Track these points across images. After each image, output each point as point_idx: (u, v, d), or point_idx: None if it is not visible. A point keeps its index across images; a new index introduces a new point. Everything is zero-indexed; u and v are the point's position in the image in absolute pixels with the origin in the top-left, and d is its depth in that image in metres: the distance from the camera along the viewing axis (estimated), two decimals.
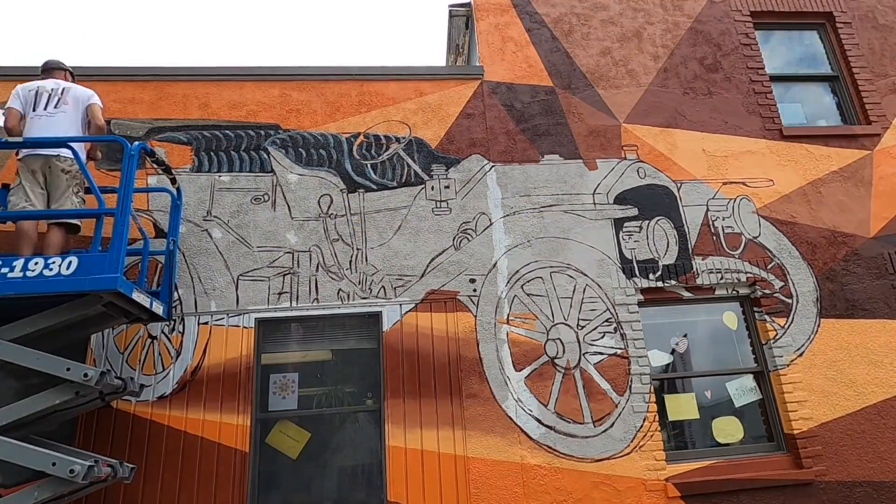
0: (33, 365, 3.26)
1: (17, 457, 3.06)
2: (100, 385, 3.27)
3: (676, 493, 4.43)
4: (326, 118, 5.32)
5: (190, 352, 4.46)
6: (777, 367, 4.93)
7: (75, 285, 3.31)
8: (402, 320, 4.73)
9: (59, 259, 3.34)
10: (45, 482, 3.07)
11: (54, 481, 3.06)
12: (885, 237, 5.49)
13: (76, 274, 3.31)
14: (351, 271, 4.85)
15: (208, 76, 5.36)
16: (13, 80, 5.10)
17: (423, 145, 5.32)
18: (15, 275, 3.27)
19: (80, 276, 3.31)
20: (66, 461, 3.03)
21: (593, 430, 4.58)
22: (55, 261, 3.33)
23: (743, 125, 5.79)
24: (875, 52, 6.33)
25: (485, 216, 5.14)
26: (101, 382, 3.27)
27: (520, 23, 5.94)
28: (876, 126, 5.94)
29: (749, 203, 5.46)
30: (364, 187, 5.13)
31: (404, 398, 4.50)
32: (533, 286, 4.96)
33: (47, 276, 3.29)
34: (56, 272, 3.30)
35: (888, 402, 4.92)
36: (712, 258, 5.24)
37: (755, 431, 4.90)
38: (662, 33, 6.10)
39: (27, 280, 3.27)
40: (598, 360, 4.79)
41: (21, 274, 3.28)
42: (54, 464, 3.02)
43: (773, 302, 5.16)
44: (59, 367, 3.24)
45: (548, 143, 5.47)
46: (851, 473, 4.69)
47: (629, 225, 5.26)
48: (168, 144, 5.08)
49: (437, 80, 5.59)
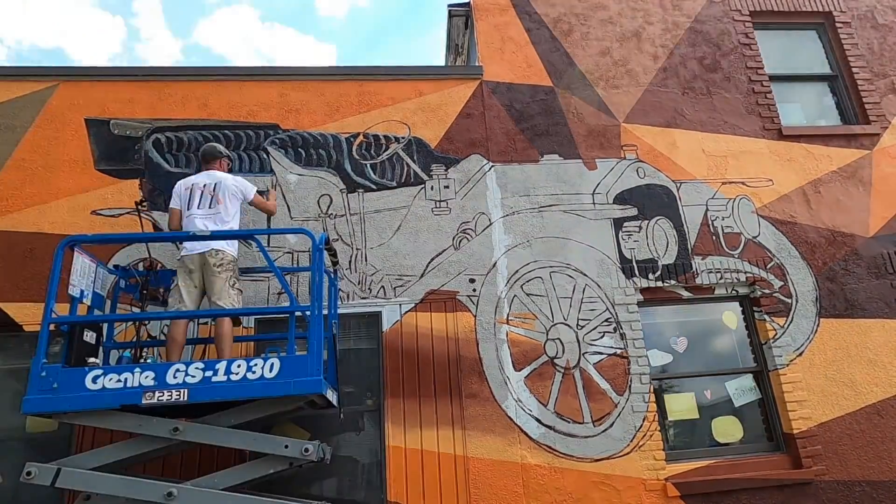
0: (251, 447, 3.46)
1: None
2: (317, 457, 3.42)
3: (676, 492, 4.43)
4: (326, 118, 5.32)
5: (189, 354, 4.45)
6: (776, 366, 4.93)
7: (282, 389, 3.37)
8: (402, 320, 4.73)
9: (261, 361, 3.38)
10: None
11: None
12: (884, 237, 5.50)
13: (279, 377, 3.36)
14: (351, 271, 4.85)
15: (208, 76, 5.35)
16: (14, 80, 5.12)
17: (422, 145, 5.32)
18: (219, 379, 3.34)
19: (283, 378, 3.36)
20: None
21: (593, 429, 4.58)
22: (257, 363, 3.38)
23: (742, 125, 5.79)
24: (874, 52, 6.34)
25: (484, 216, 5.14)
26: (318, 453, 3.43)
27: (519, 23, 5.94)
28: (875, 126, 5.94)
29: (748, 203, 5.46)
30: (363, 187, 5.13)
31: (404, 398, 4.50)
32: (532, 286, 4.96)
33: (251, 379, 3.35)
34: (259, 375, 3.36)
35: (887, 402, 4.92)
36: (712, 258, 5.24)
37: (755, 431, 4.91)
38: (662, 33, 6.10)
39: (232, 384, 3.34)
40: (597, 359, 4.79)
41: (225, 378, 3.35)
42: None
43: (773, 302, 5.16)
44: (278, 447, 3.42)
45: (547, 142, 5.47)
46: (851, 473, 4.69)
47: (629, 225, 5.26)
48: None
49: (437, 80, 5.59)
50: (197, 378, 3.33)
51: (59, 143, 4.95)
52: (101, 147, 4.99)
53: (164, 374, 3.32)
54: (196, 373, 3.34)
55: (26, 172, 4.83)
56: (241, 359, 3.45)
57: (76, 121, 5.03)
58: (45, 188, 4.79)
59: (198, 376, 3.33)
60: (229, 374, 3.35)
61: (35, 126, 4.98)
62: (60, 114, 5.04)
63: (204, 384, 3.32)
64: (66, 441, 4.10)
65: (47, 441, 4.21)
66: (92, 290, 3.79)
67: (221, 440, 3.43)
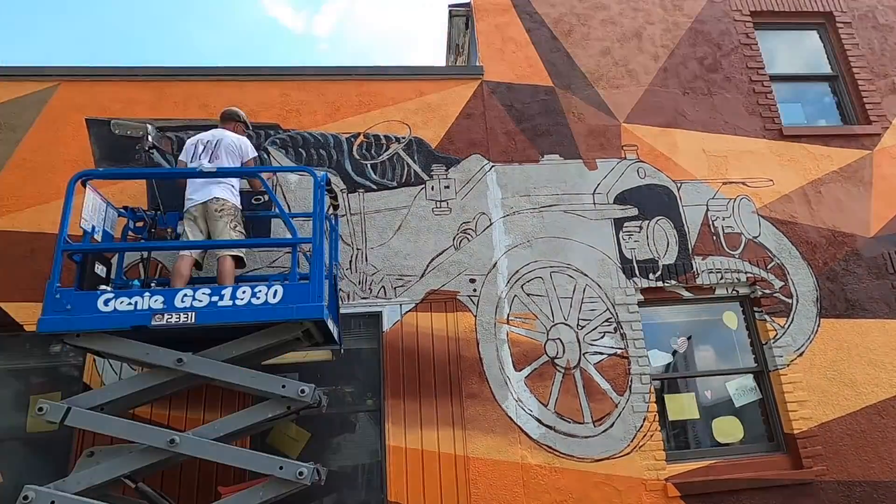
0: (249, 384, 3.46)
1: (244, 462, 3.35)
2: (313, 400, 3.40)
3: (676, 492, 4.43)
4: (326, 118, 5.32)
5: None
6: (777, 366, 4.93)
7: (284, 314, 3.43)
8: (403, 320, 4.73)
9: (265, 287, 3.46)
10: (269, 483, 3.28)
11: (277, 483, 3.26)
12: (885, 237, 5.49)
13: (283, 302, 3.42)
14: (351, 271, 4.85)
15: (208, 76, 5.36)
16: (14, 79, 5.12)
17: (423, 145, 5.32)
18: (225, 303, 3.41)
19: (287, 304, 3.42)
20: (292, 465, 3.27)
21: (593, 429, 4.58)
22: (261, 289, 3.45)
23: (743, 125, 5.78)
24: (875, 52, 6.33)
25: (485, 216, 5.14)
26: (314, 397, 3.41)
27: (520, 23, 5.94)
28: (876, 126, 5.94)
29: (749, 203, 5.46)
30: (364, 187, 5.13)
31: (404, 398, 4.50)
32: (533, 286, 4.96)
33: (256, 304, 3.42)
34: (264, 300, 3.43)
35: (888, 402, 4.92)
36: (712, 258, 5.24)
37: (755, 431, 4.90)
38: (662, 33, 6.10)
39: (238, 308, 3.41)
40: (598, 359, 4.79)
41: (231, 302, 3.42)
42: (281, 467, 3.26)
43: (773, 302, 5.16)
44: (276, 385, 3.42)
45: (548, 142, 5.47)
46: (851, 473, 4.69)
47: (629, 225, 5.26)
48: None
49: (437, 80, 5.59)
50: (204, 302, 3.40)
51: (59, 143, 4.95)
52: (102, 147, 4.99)
53: (172, 298, 3.40)
54: (203, 297, 3.41)
55: (27, 172, 4.83)
56: (246, 284, 3.52)
57: (77, 121, 5.03)
58: (46, 188, 4.78)
59: (204, 300, 3.41)
60: (235, 299, 3.42)
61: (36, 126, 4.98)
62: (61, 114, 5.04)
63: (210, 308, 3.39)
64: (67, 441, 4.09)
65: (48, 441, 4.21)
66: (102, 227, 3.89)
67: (222, 374, 3.46)
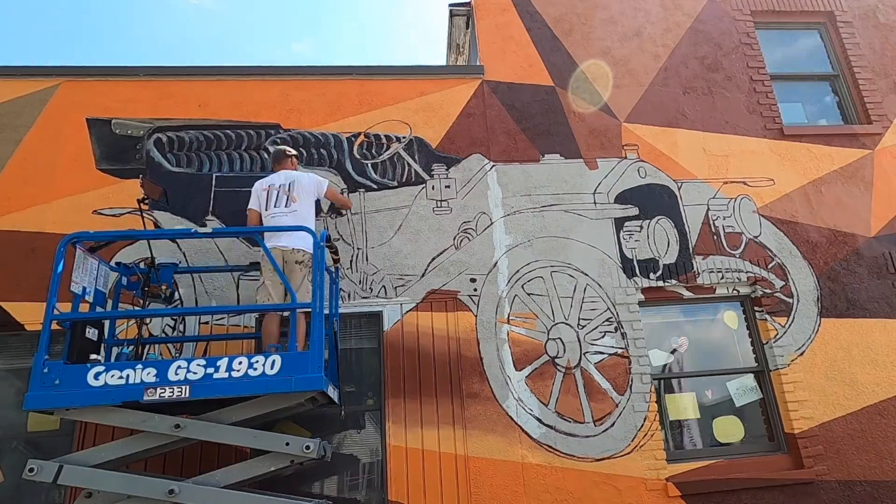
0: (251, 444, 3.46)
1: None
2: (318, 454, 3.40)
3: (677, 492, 4.43)
4: (327, 117, 5.32)
5: (190, 351, 4.46)
6: (778, 366, 4.92)
7: (282, 386, 3.37)
8: (403, 320, 4.73)
9: (262, 358, 3.39)
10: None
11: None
12: (885, 237, 5.49)
13: (281, 373, 3.37)
14: (352, 271, 4.86)
15: (209, 75, 5.36)
16: (15, 79, 5.12)
17: (423, 145, 5.32)
18: (220, 375, 3.35)
19: (285, 375, 3.37)
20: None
21: (594, 429, 4.58)
22: (258, 360, 3.39)
23: (743, 124, 5.78)
24: (876, 52, 6.33)
25: (485, 216, 5.14)
26: (319, 451, 3.41)
27: (520, 22, 5.93)
28: (877, 125, 5.93)
29: (750, 202, 5.46)
30: (364, 187, 5.13)
31: (405, 397, 4.50)
32: (533, 286, 4.96)
33: (253, 375, 3.35)
34: (261, 372, 3.36)
35: (889, 402, 4.92)
36: (713, 258, 5.23)
37: (756, 431, 4.90)
38: (663, 33, 6.09)
39: (234, 381, 3.35)
40: (598, 359, 4.79)
41: (226, 374, 3.36)
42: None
43: (774, 301, 5.16)
44: (279, 444, 3.41)
45: (548, 142, 5.47)
46: (852, 473, 4.69)
47: (630, 224, 5.26)
48: None
49: (438, 80, 5.59)
50: (199, 375, 3.33)
51: (60, 143, 4.95)
52: (103, 147, 4.99)
53: (165, 370, 3.33)
54: (198, 369, 3.34)
55: (28, 172, 4.84)
56: (242, 355, 3.44)
57: (77, 120, 5.03)
58: (47, 187, 4.79)
59: (199, 373, 3.34)
60: (231, 371, 3.35)
61: (36, 125, 4.98)
62: (62, 113, 5.04)
63: (205, 381, 3.32)
64: (68, 440, 4.10)
65: (48, 440, 4.22)
66: (94, 287, 3.79)
67: (223, 437, 3.43)
